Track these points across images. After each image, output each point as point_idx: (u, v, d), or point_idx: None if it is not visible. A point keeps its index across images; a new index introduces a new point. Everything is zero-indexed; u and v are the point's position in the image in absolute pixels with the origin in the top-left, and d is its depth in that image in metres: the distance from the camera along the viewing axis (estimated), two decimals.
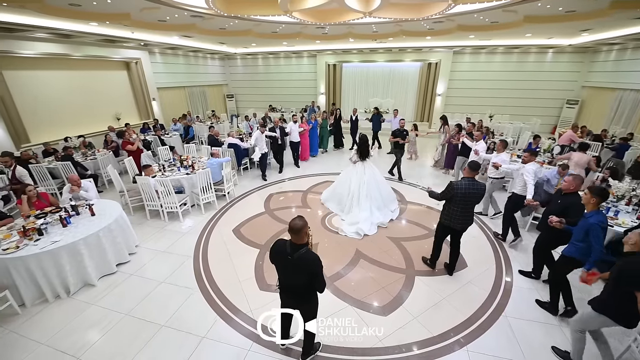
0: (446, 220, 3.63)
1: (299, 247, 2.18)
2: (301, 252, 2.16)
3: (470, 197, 3.43)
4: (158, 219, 5.49)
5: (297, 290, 2.37)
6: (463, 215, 3.51)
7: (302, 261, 2.16)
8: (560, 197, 3.37)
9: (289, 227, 2.17)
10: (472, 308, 3.38)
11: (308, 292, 2.39)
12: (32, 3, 4.49)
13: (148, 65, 10.98)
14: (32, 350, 2.92)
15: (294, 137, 8.17)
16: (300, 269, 2.20)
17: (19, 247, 3.40)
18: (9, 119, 7.05)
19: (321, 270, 2.25)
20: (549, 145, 6.89)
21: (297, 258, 2.15)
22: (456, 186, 3.41)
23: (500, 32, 7.93)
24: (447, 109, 13.48)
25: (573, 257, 2.97)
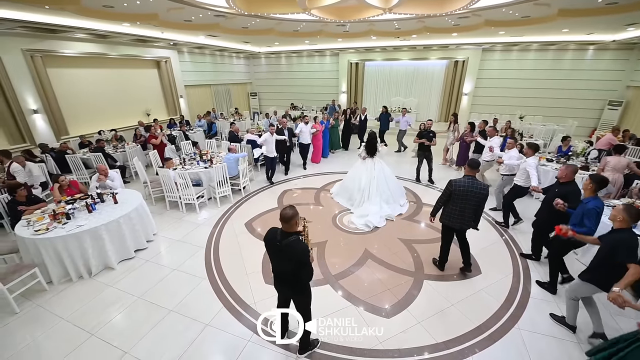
0: (445, 220, 3.58)
1: (288, 235, 2.25)
2: (290, 240, 2.22)
3: (470, 196, 3.33)
4: (177, 210, 5.74)
5: (287, 277, 2.43)
6: (461, 215, 3.44)
7: (290, 248, 2.22)
8: (558, 186, 3.59)
9: (280, 216, 2.24)
10: (482, 317, 3.21)
11: (298, 281, 2.43)
12: (70, 5, 4.87)
13: (177, 64, 11.52)
14: (54, 324, 3.17)
15: (304, 138, 7.78)
16: (288, 256, 2.27)
17: (49, 229, 3.71)
18: (51, 113, 7.69)
19: (308, 260, 2.30)
20: (583, 148, 6.37)
21: (285, 245, 2.22)
22: (455, 184, 3.35)
23: (533, 27, 7.45)
24: (473, 109, 12.92)
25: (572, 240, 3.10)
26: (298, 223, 2.31)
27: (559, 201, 3.32)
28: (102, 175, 4.95)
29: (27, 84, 7.10)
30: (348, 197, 5.79)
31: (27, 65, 7.03)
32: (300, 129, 7.66)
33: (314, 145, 8.22)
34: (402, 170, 7.68)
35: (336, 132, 9.47)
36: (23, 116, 7.10)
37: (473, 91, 12.61)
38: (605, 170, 5.17)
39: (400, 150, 9.69)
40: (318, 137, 8.25)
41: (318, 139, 8.29)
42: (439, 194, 6.18)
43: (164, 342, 2.94)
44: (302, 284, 2.47)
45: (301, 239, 2.34)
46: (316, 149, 8.38)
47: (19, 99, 6.97)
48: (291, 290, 2.54)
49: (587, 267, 2.79)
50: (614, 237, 2.50)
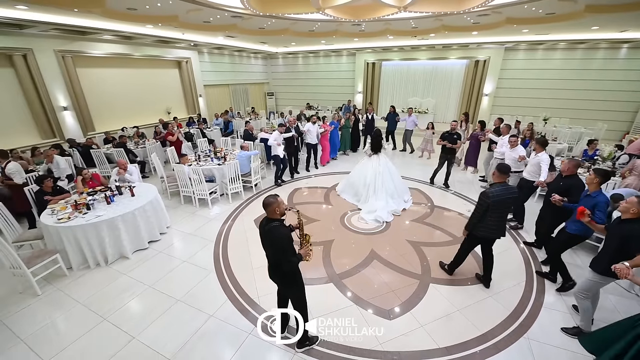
0: (484, 232, 3.29)
1: (270, 221, 2.35)
2: (270, 225, 2.31)
3: (507, 203, 3.18)
4: (190, 205, 5.93)
5: (271, 265, 2.52)
6: (500, 224, 3.26)
7: (270, 234, 2.31)
8: (562, 179, 3.72)
9: (262, 203, 2.37)
10: (489, 324, 3.10)
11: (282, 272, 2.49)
12: (96, 7, 5.16)
13: (197, 64, 11.89)
14: (71, 307, 3.37)
15: (311, 138, 7.59)
16: (268, 241, 2.37)
17: (70, 218, 3.95)
18: (79, 110, 8.17)
19: (286, 247, 2.35)
20: (610, 152, 5.98)
21: (267, 230, 2.32)
22: (492, 195, 3.09)
23: (559, 24, 7.08)
24: (494, 110, 12.45)
25: (577, 234, 3.31)
26: (278, 211, 2.36)
27: (556, 197, 3.48)
28: (121, 169, 5.20)
29: (58, 83, 7.58)
30: (354, 193, 5.92)
31: (59, 65, 7.51)
32: (308, 129, 7.51)
33: (322, 145, 8.07)
34: (409, 171, 7.61)
35: (347, 132, 9.33)
36: (54, 113, 7.59)
37: (494, 92, 12.15)
38: (631, 174, 4.86)
39: (405, 150, 9.60)
40: (326, 137, 8.10)
41: (326, 139, 8.14)
42: (454, 197, 6.21)
43: (170, 330, 3.05)
44: (288, 273, 2.49)
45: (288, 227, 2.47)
46: (324, 150, 8.22)
47: (50, 96, 7.45)
48: (279, 281, 2.59)
49: (599, 259, 2.71)
50: (626, 228, 2.51)
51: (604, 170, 3.20)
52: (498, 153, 5.94)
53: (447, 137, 6.27)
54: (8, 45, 6.60)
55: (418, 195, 6.28)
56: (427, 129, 8.61)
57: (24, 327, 3.10)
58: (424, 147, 8.86)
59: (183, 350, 2.82)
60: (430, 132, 8.53)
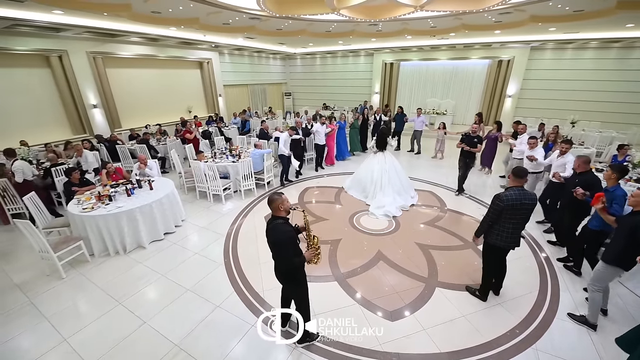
0: (498, 241, 3.03)
1: (274, 219, 2.41)
2: (274, 223, 2.37)
3: (523, 210, 2.89)
4: (205, 200, 6.16)
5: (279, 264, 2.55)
6: (515, 232, 2.97)
7: (272, 231, 2.37)
8: (577, 177, 3.82)
9: (267, 200, 2.45)
10: (495, 332, 3.00)
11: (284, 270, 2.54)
12: (123, 11, 5.49)
13: (217, 65, 12.27)
14: (91, 291, 3.62)
15: (319, 139, 7.55)
16: (271, 239, 2.42)
17: (94, 208, 4.22)
18: (108, 108, 8.68)
19: (287, 246, 2.37)
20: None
21: (269, 228, 2.39)
22: (505, 198, 2.85)
23: (589, 22, 6.70)
24: (517, 113, 11.95)
25: (600, 229, 3.32)
26: (282, 208, 2.41)
27: (579, 190, 3.52)
28: (142, 164, 5.49)
29: (89, 82, 8.10)
30: (361, 189, 6.10)
31: (90, 66, 8.02)
32: (316, 129, 7.50)
33: (328, 145, 8.01)
34: (416, 172, 7.58)
35: (355, 133, 9.18)
36: (84, 110, 8.12)
37: (518, 93, 11.67)
38: None
39: (413, 150, 9.51)
40: (332, 137, 8.04)
41: (332, 139, 8.08)
42: (468, 201, 6.05)
43: (178, 317, 3.21)
44: (288, 274, 2.54)
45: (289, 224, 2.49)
46: (330, 150, 8.16)
47: (82, 95, 7.99)
48: (282, 278, 2.64)
49: (610, 251, 2.81)
50: (637, 219, 2.62)
51: (620, 165, 3.29)
52: (517, 152, 5.85)
53: (467, 140, 5.91)
54: (46, 47, 7.15)
55: (430, 198, 6.17)
56: (438, 129, 8.54)
57: (49, 307, 3.37)
58: (438, 148, 8.84)
59: (189, 337, 2.95)
60: (442, 132, 8.45)
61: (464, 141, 5.93)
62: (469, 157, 5.96)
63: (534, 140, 5.14)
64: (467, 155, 5.95)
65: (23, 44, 6.81)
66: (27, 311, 3.32)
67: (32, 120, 7.41)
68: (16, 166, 5.14)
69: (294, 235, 2.46)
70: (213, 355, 2.77)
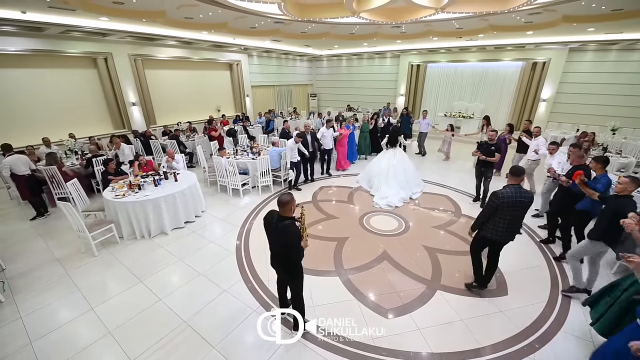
0: (492, 235, 3.20)
1: (283, 219, 2.50)
2: (284, 224, 2.47)
3: (517, 207, 3.03)
4: (225, 194, 6.54)
5: (280, 256, 2.71)
6: (510, 227, 3.13)
7: (282, 232, 2.48)
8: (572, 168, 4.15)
9: (278, 200, 2.51)
10: (492, 339, 2.96)
11: (289, 260, 2.67)
12: (158, 18, 6.02)
13: (246, 67, 12.84)
14: (118, 268, 4.05)
15: (327, 143, 7.31)
16: (280, 238, 2.54)
17: (125, 195, 4.70)
18: (145, 105, 9.46)
19: (298, 243, 2.52)
20: None
21: (280, 228, 2.48)
22: (502, 195, 3.01)
23: (633, 21, 6.21)
24: (552, 118, 11.29)
25: (583, 209, 3.85)
26: (293, 209, 2.56)
27: (563, 178, 4.01)
28: (169, 158, 5.97)
29: (130, 82, 8.90)
30: (368, 180, 6.65)
31: (131, 67, 8.81)
32: (322, 134, 7.20)
33: (338, 150, 7.86)
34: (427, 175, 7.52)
35: (366, 136, 8.99)
36: (125, 107, 8.93)
37: (554, 97, 10.98)
38: None
39: (420, 153, 9.44)
40: (342, 143, 7.82)
41: (342, 144, 7.87)
42: None
43: (189, 297, 3.51)
44: (293, 265, 2.69)
45: (297, 224, 2.59)
46: (340, 155, 7.95)
47: (123, 93, 8.79)
48: (283, 271, 2.80)
49: (595, 229, 3.19)
50: (620, 202, 3.01)
51: (602, 157, 3.75)
52: (531, 154, 5.86)
53: (483, 148, 5.53)
54: (94, 50, 7.99)
55: (446, 202, 6.06)
56: (446, 131, 8.54)
57: (82, 279, 3.83)
58: (442, 149, 8.87)
59: (197, 316, 3.23)
60: (449, 134, 8.49)
61: (481, 149, 5.55)
62: (486, 166, 5.60)
63: (554, 147, 4.93)
64: (484, 164, 5.58)
65: (74, 47, 7.66)
66: (63, 282, 3.80)
67: (80, 115, 8.30)
68: (5, 162, 5.33)
69: (300, 233, 2.62)
70: (215, 333, 3.01)
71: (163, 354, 2.79)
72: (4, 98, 7.00)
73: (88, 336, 3.00)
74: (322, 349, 2.85)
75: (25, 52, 6.97)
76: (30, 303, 3.45)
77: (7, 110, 7.07)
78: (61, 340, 2.96)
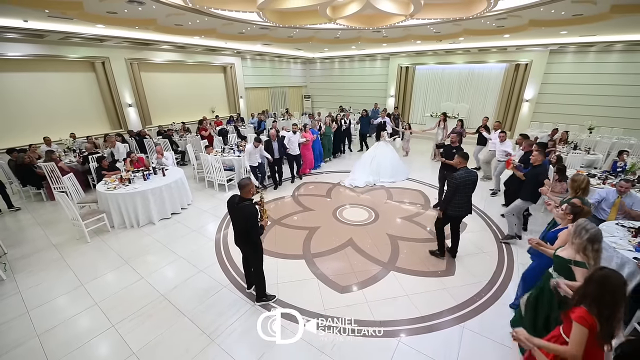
0: (453, 211, 3.93)
1: (243, 200, 2.93)
2: (244, 204, 2.91)
3: (470, 184, 3.83)
4: (212, 189, 6.98)
5: (241, 236, 3.13)
6: (467, 203, 3.94)
7: (242, 211, 2.91)
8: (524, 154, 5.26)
9: (238, 184, 2.99)
10: (431, 310, 3.36)
11: (249, 241, 3.09)
12: (150, 25, 6.50)
13: (239, 69, 13.31)
14: (108, 253, 4.50)
15: (293, 149, 7.22)
16: (240, 217, 2.97)
17: (116, 188, 5.16)
18: (141, 107, 9.95)
19: (255, 222, 2.95)
20: (633, 165, 5.41)
21: (240, 208, 2.92)
22: (458, 176, 3.79)
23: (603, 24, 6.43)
24: (535, 117, 11.63)
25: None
26: (252, 192, 2.99)
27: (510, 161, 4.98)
28: (159, 155, 6.42)
29: (126, 84, 9.39)
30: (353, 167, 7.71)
31: (127, 70, 9.31)
32: (288, 139, 7.14)
33: (304, 155, 7.72)
34: None
35: (328, 140, 8.96)
36: (121, 108, 9.43)
37: (536, 97, 11.32)
38: None
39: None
40: (308, 147, 7.76)
41: (308, 149, 7.79)
42: None
43: (169, 276, 3.96)
44: (252, 242, 3.12)
45: (257, 207, 3.03)
46: (305, 159, 7.82)
47: (120, 95, 9.29)
48: (244, 247, 3.22)
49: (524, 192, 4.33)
50: (536, 170, 4.23)
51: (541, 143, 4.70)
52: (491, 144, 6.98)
53: (445, 151, 5.42)
54: (92, 55, 8.49)
55: (418, 197, 6.45)
56: (405, 130, 9.40)
57: (75, 262, 4.28)
58: (403, 146, 9.67)
59: (174, 291, 3.66)
60: (407, 132, 9.35)
61: (443, 151, 5.53)
62: (448, 169, 5.27)
63: (503, 135, 6.31)
64: (447, 167, 5.39)
65: (74, 52, 8.17)
66: (59, 264, 4.26)
67: (79, 116, 8.80)
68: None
69: (257, 212, 3.06)
70: (189, 305, 3.44)
71: (140, 320, 3.22)
72: (8, 100, 7.51)
73: (78, 306, 3.44)
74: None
75: (28, 57, 7.48)
76: (29, 280, 3.90)
77: (11, 111, 7.57)
78: (54, 310, 3.40)
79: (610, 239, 3.45)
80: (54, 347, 2.92)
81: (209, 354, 2.83)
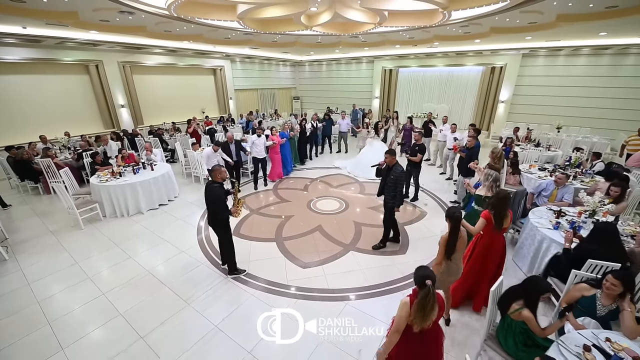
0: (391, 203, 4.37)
1: (213, 182, 3.50)
2: (213, 185, 3.47)
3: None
4: (198, 183, 7.50)
5: (210, 214, 3.68)
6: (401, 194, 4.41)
7: (210, 191, 3.48)
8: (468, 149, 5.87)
9: (208, 169, 3.48)
10: (379, 281, 3.90)
11: (217, 219, 3.63)
12: (140, 32, 7.02)
13: (229, 71, 13.83)
14: (100, 238, 5.00)
15: (259, 152, 6.89)
16: (209, 197, 3.52)
17: (108, 180, 5.66)
18: (133, 107, 10.44)
19: (221, 202, 3.50)
20: (576, 159, 6.01)
21: (209, 188, 3.50)
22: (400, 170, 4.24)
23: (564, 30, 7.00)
24: (510, 117, 12.26)
25: None
26: (221, 177, 3.55)
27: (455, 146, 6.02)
28: (148, 151, 6.92)
29: (119, 86, 9.88)
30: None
31: (120, 73, 9.80)
32: (252, 141, 6.84)
33: (272, 158, 7.48)
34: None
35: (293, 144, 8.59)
36: (114, 109, 9.91)
37: (511, 99, 11.97)
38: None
39: (340, 151, 10.75)
40: (276, 150, 7.38)
41: (276, 152, 7.41)
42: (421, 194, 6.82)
43: (154, 256, 4.48)
44: (220, 220, 3.66)
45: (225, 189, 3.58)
46: (274, 163, 7.53)
47: (112, 97, 9.77)
48: (213, 225, 3.76)
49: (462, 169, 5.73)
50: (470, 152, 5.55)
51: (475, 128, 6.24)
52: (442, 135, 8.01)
53: (407, 149, 6.01)
54: (86, 58, 8.98)
55: None
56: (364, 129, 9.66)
57: (70, 245, 4.79)
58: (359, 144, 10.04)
59: (157, 267, 4.20)
60: (365, 131, 9.27)
61: (404, 149, 6.23)
62: (412, 166, 6.01)
63: (454, 126, 7.47)
64: (410, 163, 6.00)
65: (69, 55, 8.65)
66: (56, 247, 4.75)
67: (74, 116, 9.26)
68: None
69: (224, 195, 3.59)
70: (171, 278, 3.97)
71: (127, 290, 3.74)
72: (7, 101, 7.97)
73: (72, 279, 3.95)
74: (247, 286, 3.79)
75: (25, 60, 7.95)
76: (29, 260, 4.40)
77: (9, 111, 8.03)
78: (52, 282, 3.91)
79: (536, 220, 4.04)
80: (52, 310, 3.43)
81: (184, 314, 3.36)
